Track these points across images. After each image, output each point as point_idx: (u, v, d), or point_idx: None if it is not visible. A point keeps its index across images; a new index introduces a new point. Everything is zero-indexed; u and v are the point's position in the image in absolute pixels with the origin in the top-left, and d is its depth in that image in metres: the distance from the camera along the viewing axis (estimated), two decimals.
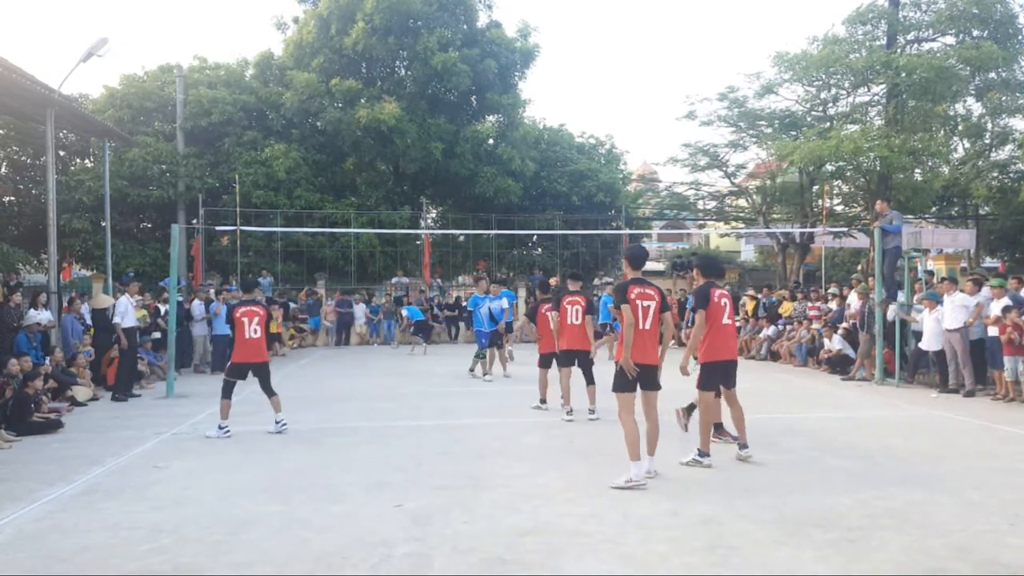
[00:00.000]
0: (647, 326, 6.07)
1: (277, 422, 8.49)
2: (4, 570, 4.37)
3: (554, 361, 9.63)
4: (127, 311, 11.53)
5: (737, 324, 7.64)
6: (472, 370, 13.49)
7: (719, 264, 7.61)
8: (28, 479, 6.46)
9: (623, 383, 6.09)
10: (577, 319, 9.07)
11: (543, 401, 9.75)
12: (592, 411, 8.99)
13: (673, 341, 9.79)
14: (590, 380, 9.13)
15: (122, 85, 23.94)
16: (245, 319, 8.55)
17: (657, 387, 6.20)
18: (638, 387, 6.12)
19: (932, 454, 7.17)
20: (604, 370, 8.37)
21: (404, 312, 19.45)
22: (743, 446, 6.78)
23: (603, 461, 6.85)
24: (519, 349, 16.51)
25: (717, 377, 6.71)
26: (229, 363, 8.91)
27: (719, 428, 7.34)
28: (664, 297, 6.30)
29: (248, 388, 12.40)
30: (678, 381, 6.84)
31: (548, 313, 9.64)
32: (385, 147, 23.81)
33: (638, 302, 6.07)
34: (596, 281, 25.15)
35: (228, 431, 8.28)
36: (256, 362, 8.57)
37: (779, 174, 25.38)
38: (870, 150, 18.78)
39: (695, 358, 6.65)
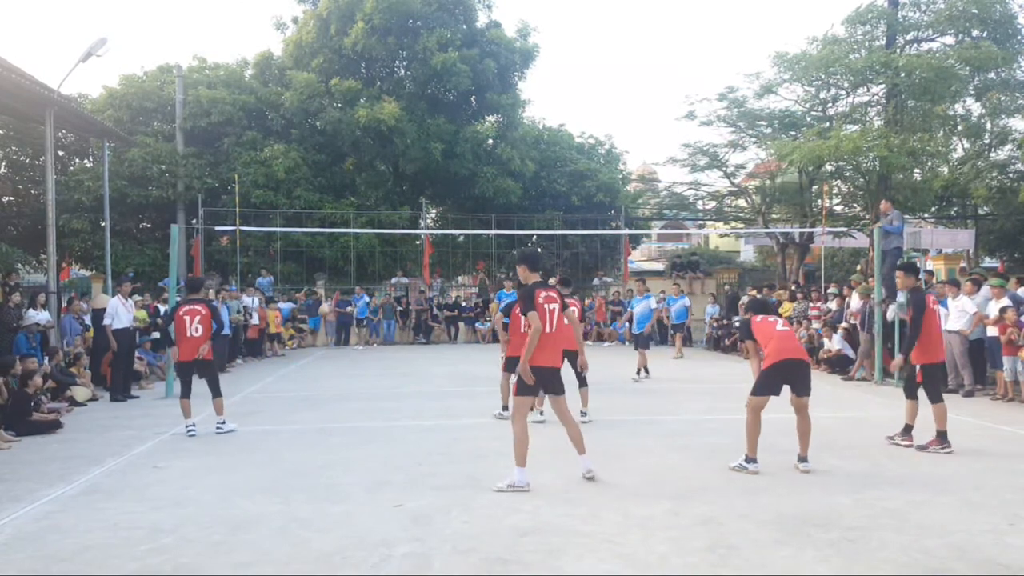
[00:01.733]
0: (552, 329, 6.05)
1: (218, 425, 8.48)
2: (4, 570, 4.37)
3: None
4: (117, 312, 11.41)
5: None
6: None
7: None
8: (28, 479, 6.45)
9: (524, 387, 6.01)
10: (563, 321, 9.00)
11: (505, 408, 9.11)
12: (584, 413, 8.90)
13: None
14: (582, 382, 9.06)
15: (121, 85, 23.95)
16: (187, 317, 8.52)
17: (562, 391, 6.12)
18: (543, 391, 6.10)
19: (932, 454, 7.17)
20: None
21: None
22: (751, 460, 6.61)
23: (603, 461, 6.84)
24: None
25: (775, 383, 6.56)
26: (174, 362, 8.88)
27: (907, 431, 7.37)
28: (563, 297, 6.41)
29: (247, 388, 12.45)
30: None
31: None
32: (385, 147, 23.81)
33: (545, 306, 6.05)
34: (595, 281, 25.17)
35: (193, 430, 8.32)
36: (198, 360, 8.54)
37: (778, 174, 25.36)
38: (869, 150, 18.76)
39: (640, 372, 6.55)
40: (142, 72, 24.93)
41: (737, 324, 19.23)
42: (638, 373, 13.08)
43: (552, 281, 15.44)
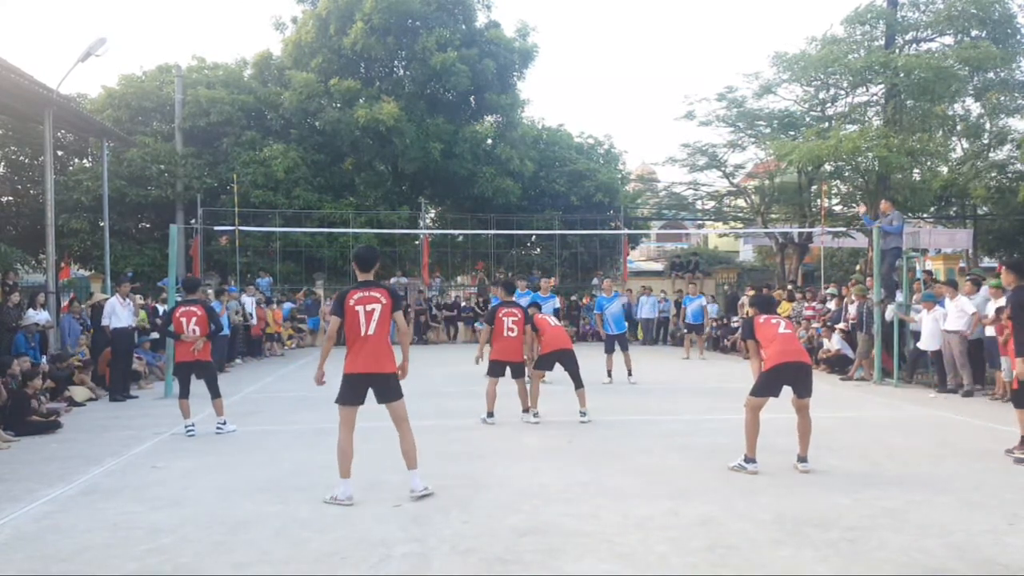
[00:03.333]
0: (371, 332, 5.66)
1: (218, 426, 8.50)
2: (3, 570, 4.37)
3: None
4: (114, 311, 11.41)
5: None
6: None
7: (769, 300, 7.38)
8: (27, 479, 6.45)
9: (342, 395, 5.74)
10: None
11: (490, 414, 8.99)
12: (583, 413, 8.93)
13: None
14: (579, 383, 9.02)
15: (120, 85, 23.93)
16: (183, 319, 8.48)
17: (395, 397, 5.81)
18: (375, 399, 5.79)
19: (931, 454, 7.18)
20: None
21: None
22: (750, 460, 6.56)
23: (603, 461, 6.86)
24: None
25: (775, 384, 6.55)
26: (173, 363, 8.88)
27: None
28: (396, 298, 5.87)
29: (247, 388, 12.44)
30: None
31: (504, 318, 8.97)
32: (384, 147, 23.80)
33: (358, 308, 5.65)
34: (595, 281, 25.15)
35: (192, 430, 8.34)
36: (197, 361, 8.51)
37: (778, 174, 25.37)
38: (869, 150, 18.77)
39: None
40: (141, 72, 24.93)
41: (736, 323, 19.29)
42: (609, 376, 12.45)
43: (552, 282, 15.46)
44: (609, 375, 12.52)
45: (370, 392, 5.80)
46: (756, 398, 6.49)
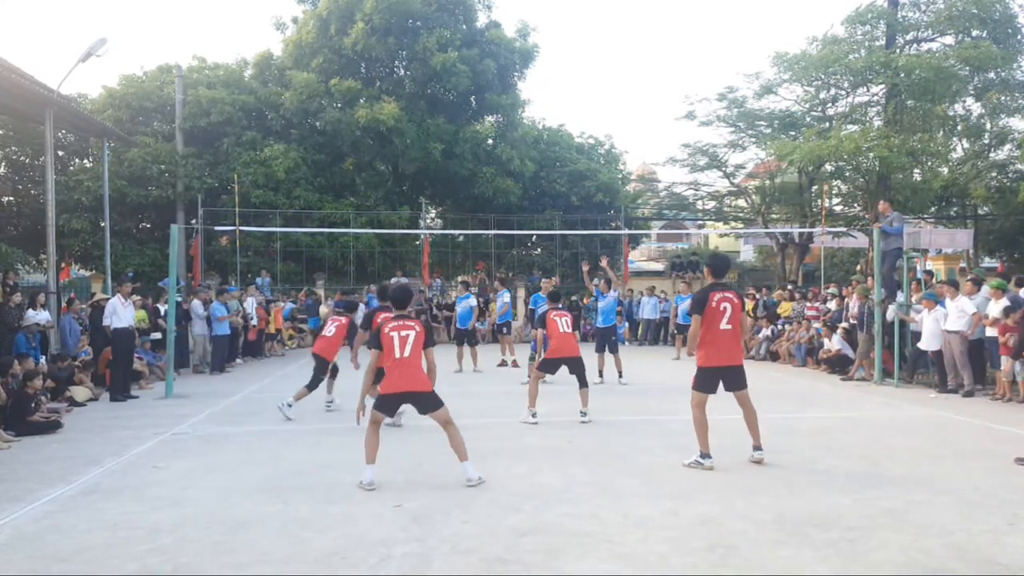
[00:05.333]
0: (407, 354, 6.08)
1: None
2: (3, 570, 4.37)
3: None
4: (116, 311, 11.41)
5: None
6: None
7: (726, 262, 7.32)
8: (27, 479, 6.45)
9: (378, 406, 6.23)
10: (568, 327, 9.13)
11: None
12: (584, 413, 8.92)
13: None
14: (583, 383, 9.06)
15: (121, 85, 23.95)
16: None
17: (437, 406, 6.22)
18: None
19: (931, 454, 7.18)
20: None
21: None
22: (756, 448, 6.70)
23: (603, 461, 6.86)
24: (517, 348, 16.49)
25: (711, 382, 6.65)
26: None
27: None
28: (428, 330, 6.35)
29: (247, 388, 12.45)
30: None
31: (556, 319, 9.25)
32: (384, 147, 23.82)
33: (392, 334, 6.13)
34: (595, 281, 25.11)
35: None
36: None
37: (778, 174, 25.39)
38: (869, 150, 18.78)
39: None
40: (142, 72, 24.94)
41: None
42: (600, 376, 12.43)
43: (553, 282, 15.49)
44: (600, 375, 12.48)
45: (355, 397, 6.11)
46: (698, 392, 6.67)
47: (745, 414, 6.73)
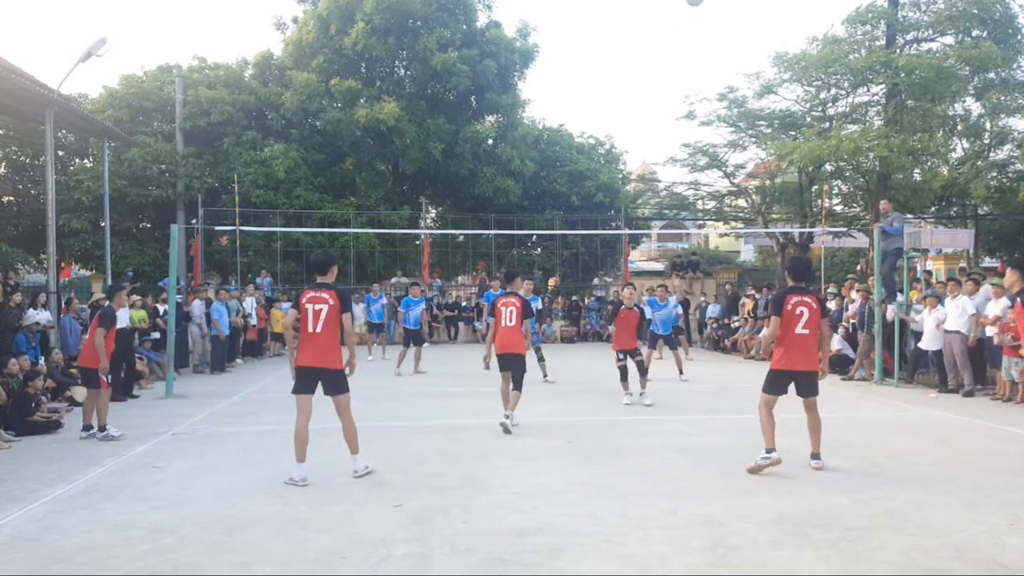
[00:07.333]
0: (318, 329, 6.11)
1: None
2: (3, 570, 4.37)
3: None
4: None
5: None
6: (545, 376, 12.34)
7: (806, 265, 7.11)
8: (27, 479, 6.45)
9: (295, 385, 6.32)
10: (512, 320, 8.37)
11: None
12: (508, 416, 8.19)
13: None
14: (517, 386, 8.31)
15: (121, 85, 23.92)
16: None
17: (342, 391, 6.30)
18: (321, 391, 6.32)
19: (931, 454, 7.18)
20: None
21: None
22: (814, 456, 6.58)
23: (603, 461, 6.85)
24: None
25: (782, 384, 6.61)
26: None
27: None
28: (343, 299, 6.21)
29: (247, 388, 12.45)
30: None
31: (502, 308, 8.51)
32: (384, 147, 23.82)
33: (308, 306, 6.15)
34: (596, 281, 25.16)
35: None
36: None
37: (778, 174, 25.37)
38: (869, 150, 18.75)
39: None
40: (142, 72, 24.91)
41: (737, 323, 19.30)
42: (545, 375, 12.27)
43: (553, 282, 15.51)
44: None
45: (354, 397, 6.17)
46: (767, 395, 6.61)
47: (809, 420, 6.63)
